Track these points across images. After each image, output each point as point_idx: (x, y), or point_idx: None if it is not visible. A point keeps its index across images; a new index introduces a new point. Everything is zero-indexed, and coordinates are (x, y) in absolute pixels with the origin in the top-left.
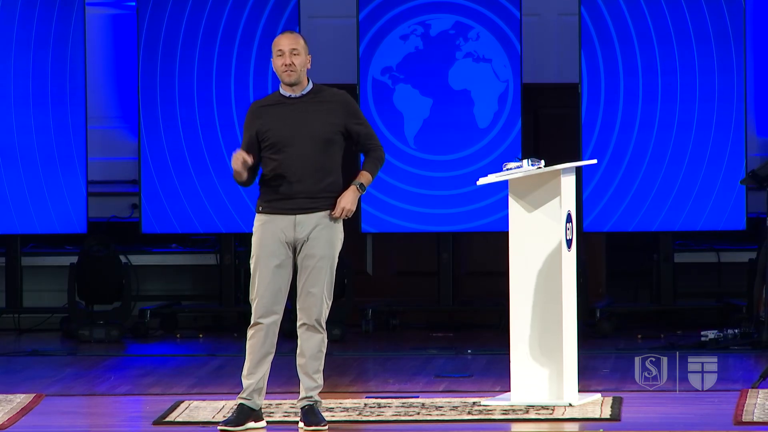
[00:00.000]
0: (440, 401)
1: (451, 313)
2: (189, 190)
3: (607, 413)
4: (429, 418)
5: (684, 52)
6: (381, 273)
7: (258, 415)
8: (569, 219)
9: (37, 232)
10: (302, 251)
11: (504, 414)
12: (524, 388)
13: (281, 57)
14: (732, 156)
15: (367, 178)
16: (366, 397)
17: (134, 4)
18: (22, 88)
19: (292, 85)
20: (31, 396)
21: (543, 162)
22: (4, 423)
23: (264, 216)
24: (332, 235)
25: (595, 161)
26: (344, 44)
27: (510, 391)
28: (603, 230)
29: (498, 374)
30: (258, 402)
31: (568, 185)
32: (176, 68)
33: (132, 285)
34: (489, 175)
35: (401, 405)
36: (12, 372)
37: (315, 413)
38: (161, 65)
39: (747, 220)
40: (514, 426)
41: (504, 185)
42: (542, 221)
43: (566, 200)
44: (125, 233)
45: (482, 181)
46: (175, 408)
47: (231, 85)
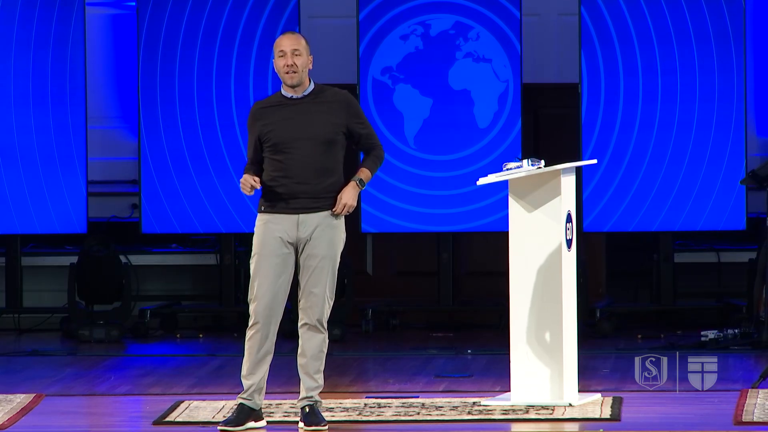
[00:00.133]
0: (440, 401)
1: (451, 313)
2: (189, 190)
3: (607, 413)
4: (429, 418)
5: (684, 52)
6: (381, 273)
7: (258, 415)
8: (569, 219)
9: (37, 232)
10: (304, 251)
11: (504, 414)
12: (524, 388)
13: (283, 58)
14: (732, 156)
15: (367, 175)
16: (366, 397)
17: (134, 4)
18: (22, 88)
19: (294, 86)
20: (31, 396)
21: (543, 162)
22: (4, 423)
23: (266, 216)
24: (334, 235)
25: (595, 161)
26: (344, 44)
27: (510, 391)
28: (603, 230)
29: (498, 374)
30: (258, 402)
31: (568, 185)
32: (176, 68)
33: (132, 285)
34: (489, 175)
35: (401, 405)
36: (12, 372)
37: (315, 413)
38: (161, 65)
39: (747, 220)
40: (514, 426)
41: (504, 185)
42: (542, 221)
43: (566, 200)
44: (125, 233)
45: (482, 181)
46: (175, 408)
47: (231, 85)
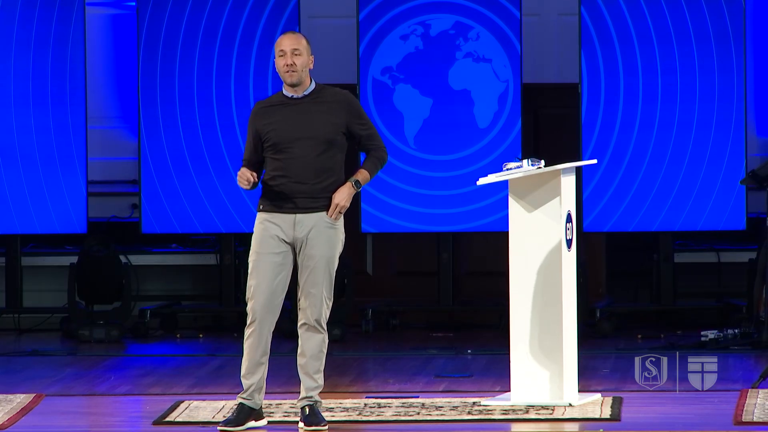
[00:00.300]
0: (440, 401)
1: (451, 313)
2: (189, 190)
3: (607, 413)
4: (429, 418)
5: (684, 52)
6: (381, 273)
7: (258, 414)
8: (569, 219)
9: (37, 232)
10: (302, 251)
11: (504, 414)
12: (524, 388)
13: (283, 57)
14: (732, 156)
15: (364, 176)
16: (366, 397)
17: (134, 4)
18: (22, 88)
19: (294, 86)
20: (31, 396)
21: (543, 162)
22: (4, 423)
23: (265, 214)
24: (332, 236)
25: (595, 161)
26: (344, 44)
27: (510, 391)
28: (603, 230)
29: (498, 374)
30: (258, 401)
31: (568, 185)
32: (176, 68)
33: (132, 285)
34: (489, 175)
35: (401, 405)
36: (12, 372)
37: (315, 413)
38: (161, 65)
39: (747, 220)
40: (514, 426)
41: (504, 185)
42: (542, 221)
43: (566, 200)
44: (125, 233)
45: (482, 181)
46: (175, 408)
47: (231, 85)
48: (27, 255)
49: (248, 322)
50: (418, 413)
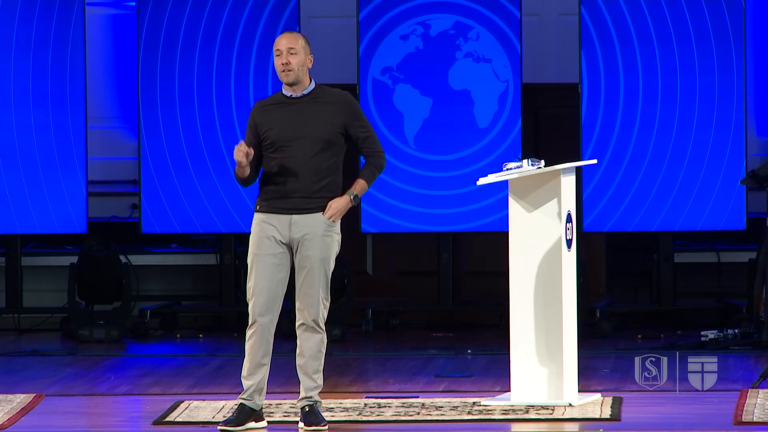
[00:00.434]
0: (440, 401)
1: (451, 313)
2: (189, 190)
3: (607, 413)
4: (429, 418)
5: (684, 52)
6: (381, 273)
7: (259, 415)
8: (569, 219)
9: (37, 232)
10: (298, 252)
11: (504, 414)
12: (524, 388)
13: (279, 57)
14: (732, 156)
15: (362, 187)
16: (366, 397)
17: (134, 4)
18: (22, 88)
19: (292, 85)
20: (31, 396)
21: (543, 162)
22: (4, 423)
23: (261, 215)
24: (328, 237)
25: (595, 161)
26: (344, 44)
27: (510, 391)
28: (603, 230)
29: (498, 374)
30: (258, 402)
31: (568, 185)
32: (176, 68)
33: (132, 285)
34: (489, 175)
35: (401, 405)
36: (12, 372)
37: (315, 413)
38: (161, 65)
39: (747, 220)
40: (514, 426)
41: (504, 185)
42: (542, 221)
43: (566, 200)
44: (125, 233)
45: (482, 181)
46: (175, 408)
47: (231, 85)
48: (27, 255)
49: (249, 323)
50: (418, 413)
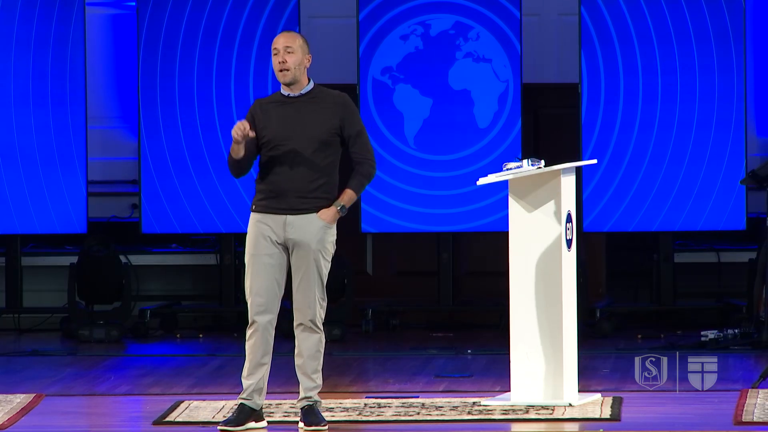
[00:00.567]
0: (440, 401)
1: (451, 313)
2: (189, 190)
3: (607, 413)
4: (429, 418)
5: (684, 52)
6: (381, 273)
7: (259, 415)
8: (569, 219)
9: (37, 232)
10: (294, 252)
11: (504, 414)
12: (524, 388)
13: (276, 56)
14: (732, 156)
15: (350, 197)
16: (366, 397)
17: (134, 4)
18: (22, 88)
19: (289, 84)
20: (31, 396)
21: (543, 162)
22: (4, 423)
23: (257, 215)
24: (323, 237)
25: (595, 161)
26: (344, 44)
27: (510, 391)
28: (603, 230)
29: (498, 374)
30: (258, 402)
31: (568, 185)
32: (176, 68)
33: (132, 285)
34: (489, 175)
35: (401, 405)
36: (12, 372)
37: (315, 413)
38: (161, 65)
39: (747, 220)
40: (514, 426)
41: (504, 185)
42: (542, 221)
43: (566, 200)
44: (125, 233)
45: (482, 181)
46: (175, 408)
47: (231, 85)
48: (27, 255)
49: (248, 324)
50: (418, 413)
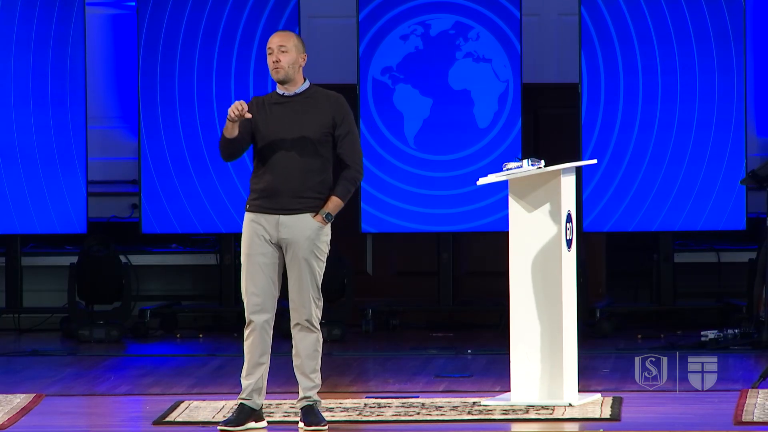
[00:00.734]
0: (440, 401)
1: (451, 313)
2: (189, 190)
3: (607, 413)
4: (429, 418)
5: (684, 52)
6: (381, 273)
7: (259, 415)
8: (569, 219)
9: (37, 232)
10: (288, 252)
11: (504, 414)
12: (524, 388)
13: (271, 55)
14: (732, 156)
15: (335, 205)
16: (366, 397)
17: (134, 4)
18: (22, 88)
19: (283, 83)
20: (31, 396)
21: (543, 162)
22: (4, 423)
23: (251, 215)
24: (317, 237)
25: (595, 161)
26: (344, 44)
27: (510, 391)
28: (603, 230)
29: (498, 374)
30: (258, 402)
31: (568, 185)
32: (176, 68)
33: (132, 285)
34: (489, 175)
35: (401, 405)
36: (12, 372)
37: (315, 413)
38: (161, 65)
39: (747, 220)
40: (514, 426)
41: (504, 185)
42: (542, 221)
43: (566, 200)
44: (125, 233)
45: (482, 181)
46: (175, 408)
47: (231, 85)
48: (27, 255)
49: (246, 324)
50: (418, 413)
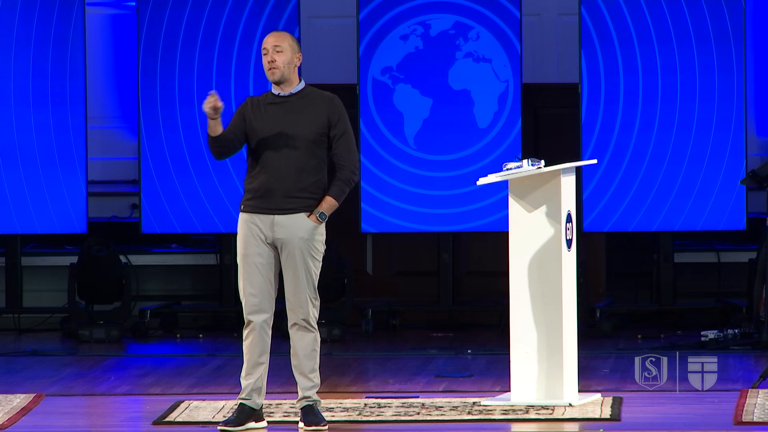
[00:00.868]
0: (440, 401)
1: (451, 313)
2: (189, 190)
3: (607, 413)
4: (429, 418)
5: (684, 52)
6: (381, 273)
7: (259, 415)
8: (569, 219)
9: (37, 232)
10: (283, 252)
11: (504, 414)
12: (524, 388)
13: (266, 55)
14: (732, 156)
15: (330, 205)
16: (366, 397)
17: (134, 4)
18: (22, 88)
19: (279, 83)
20: (31, 396)
21: (543, 162)
22: (4, 423)
23: (245, 215)
24: (312, 236)
25: (595, 161)
26: (344, 44)
27: (510, 391)
28: (603, 230)
29: (498, 374)
30: (258, 401)
31: (568, 185)
32: (176, 68)
33: (132, 285)
34: (489, 175)
35: (401, 405)
36: (12, 372)
37: (315, 413)
38: (161, 65)
39: (747, 220)
40: (514, 426)
41: (504, 185)
42: (542, 221)
43: (566, 200)
44: (125, 233)
45: (482, 181)
46: (175, 408)
47: (231, 85)
48: (27, 255)
49: (245, 324)
50: (418, 413)
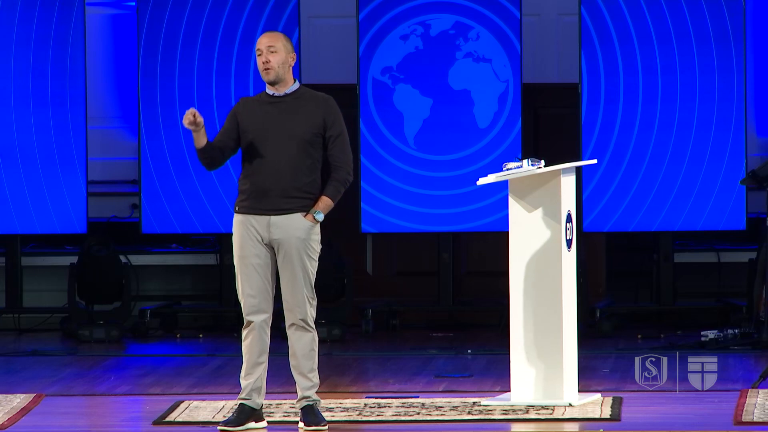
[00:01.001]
0: (440, 401)
1: (451, 313)
2: (189, 190)
3: (607, 413)
4: (429, 418)
5: (684, 52)
6: (381, 273)
7: (259, 415)
8: (569, 219)
9: (37, 232)
10: (280, 253)
11: (504, 414)
12: (524, 388)
13: (260, 56)
14: (732, 156)
15: (326, 205)
16: (366, 397)
17: (134, 4)
18: (22, 88)
19: (273, 84)
20: (31, 396)
21: (543, 162)
22: (4, 423)
23: (240, 216)
24: (308, 236)
25: (595, 161)
26: (344, 44)
27: (510, 391)
28: (603, 230)
29: (498, 374)
30: (258, 401)
31: (568, 185)
32: (176, 68)
33: (132, 285)
34: (489, 175)
35: (401, 405)
36: (12, 372)
37: (315, 413)
38: (161, 65)
39: (747, 220)
40: (514, 426)
41: (504, 185)
42: (542, 221)
43: (566, 200)
44: (125, 233)
45: (482, 181)
46: (175, 408)
47: (231, 85)
48: (27, 255)
49: (244, 324)
50: (418, 413)
